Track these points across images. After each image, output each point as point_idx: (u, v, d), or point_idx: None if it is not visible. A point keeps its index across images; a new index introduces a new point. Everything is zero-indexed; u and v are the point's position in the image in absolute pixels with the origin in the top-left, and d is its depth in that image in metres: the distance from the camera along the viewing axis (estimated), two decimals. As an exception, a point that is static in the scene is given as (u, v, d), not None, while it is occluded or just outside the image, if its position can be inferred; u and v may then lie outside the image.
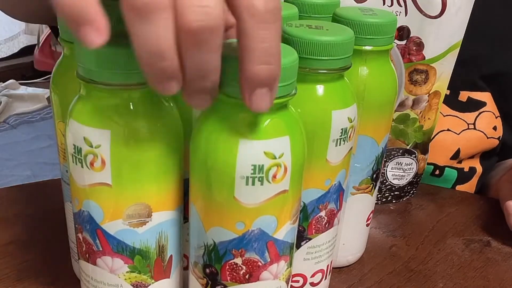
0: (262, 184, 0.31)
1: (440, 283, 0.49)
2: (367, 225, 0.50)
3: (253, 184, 0.31)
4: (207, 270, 0.35)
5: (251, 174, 0.30)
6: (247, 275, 0.34)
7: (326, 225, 0.41)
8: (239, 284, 0.34)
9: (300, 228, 0.40)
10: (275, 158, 0.31)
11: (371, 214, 0.50)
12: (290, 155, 0.31)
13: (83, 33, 0.25)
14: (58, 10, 0.24)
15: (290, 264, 0.36)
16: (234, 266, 0.34)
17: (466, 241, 0.56)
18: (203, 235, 0.34)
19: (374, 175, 0.47)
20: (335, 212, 0.41)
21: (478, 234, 0.57)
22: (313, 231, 0.41)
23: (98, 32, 0.25)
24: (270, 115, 0.31)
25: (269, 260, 0.34)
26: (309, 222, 0.40)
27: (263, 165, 0.30)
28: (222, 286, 0.35)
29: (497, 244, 0.55)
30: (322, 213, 0.40)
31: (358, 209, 0.48)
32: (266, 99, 0.27)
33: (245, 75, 0.26)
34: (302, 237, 0.41)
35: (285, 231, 0.34)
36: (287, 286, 0.37)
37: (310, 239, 0.41)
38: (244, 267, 0.34)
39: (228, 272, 0.34)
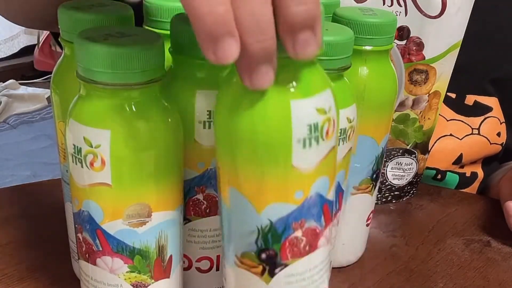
0: (318, 143, 0.29)
1: (440, 283, 0.49)
2: (367, 225, 0.50)
3: (310, 145, 0.28)
4: (263, 255, 0.31)
5: (308, 135, 0.28)
6: (307, 246, 0.31)
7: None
8: (300, 258, 0.32)
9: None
10: (325, 113, 0.29)
11: (371, 214, 0.50)
12: (335, 107, 0.30)
13: (225, 45, 0.24)
14: (193, 21, 0.24)
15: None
16: (295, 240, 0.31)
17: (466, 241, 0.56)
18: (255, 217, 0.30)
19: (374, 175, 0.47)
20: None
21: (478, 234, 0.57)
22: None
23: (238, 44, 0.25)
24: (311, 69, 0.29)
25: (324, 224, 0.31)
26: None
27: (317, 123, 0.28)
28: (283, 266, 0.32)
29: (497, 244, 0.55)
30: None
31: (358, 209, 0.48)
32: (311, 44, 0.26)
33: (283, 20, 0.25)
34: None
35: (333, 191, 0.32)
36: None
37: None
38: (304, 238, 0.31)
39: (288, 250, 0.31)
